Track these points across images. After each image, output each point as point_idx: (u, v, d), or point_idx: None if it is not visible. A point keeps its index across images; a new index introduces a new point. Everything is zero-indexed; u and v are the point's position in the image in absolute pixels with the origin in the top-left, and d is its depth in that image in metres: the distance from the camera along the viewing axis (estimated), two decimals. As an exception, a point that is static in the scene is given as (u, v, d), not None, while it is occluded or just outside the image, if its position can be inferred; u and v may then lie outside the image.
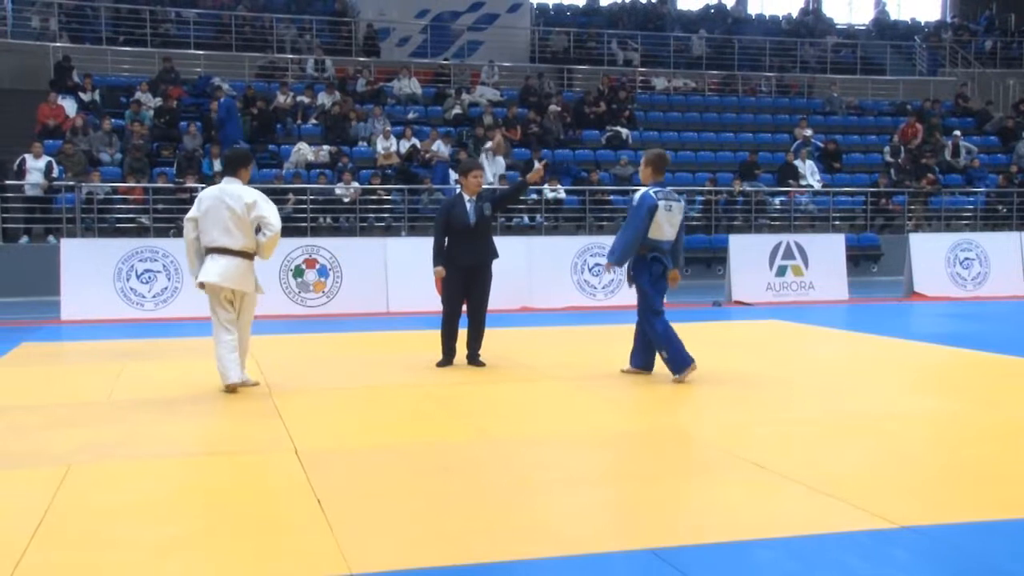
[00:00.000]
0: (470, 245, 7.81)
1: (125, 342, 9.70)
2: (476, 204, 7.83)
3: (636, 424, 5.79)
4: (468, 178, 7.90)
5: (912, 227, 18.53)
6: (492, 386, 7.09)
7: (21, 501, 4.20)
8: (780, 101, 23.86)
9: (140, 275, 12.01)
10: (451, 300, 7.88)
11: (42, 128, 16.94)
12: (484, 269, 7.88)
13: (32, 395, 6.86)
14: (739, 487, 4.41)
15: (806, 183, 19.06)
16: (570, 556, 3.52)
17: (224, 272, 6.60)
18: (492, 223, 8.11)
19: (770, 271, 14.10)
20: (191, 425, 5.79)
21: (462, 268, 7.80)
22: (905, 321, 12.16)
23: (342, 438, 5.51)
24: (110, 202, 15.47)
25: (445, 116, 20.13)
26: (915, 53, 27.31)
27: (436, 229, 7.95)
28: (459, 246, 7.79)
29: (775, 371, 7.68)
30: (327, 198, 16.41)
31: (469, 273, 7.83)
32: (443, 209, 7.99)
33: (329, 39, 23.01)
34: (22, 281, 13.79)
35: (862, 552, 3.55)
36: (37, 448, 5.19)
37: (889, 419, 5.84)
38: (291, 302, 12.36)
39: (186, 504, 4.17)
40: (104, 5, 21.55)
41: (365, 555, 3.49)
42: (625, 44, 24.99)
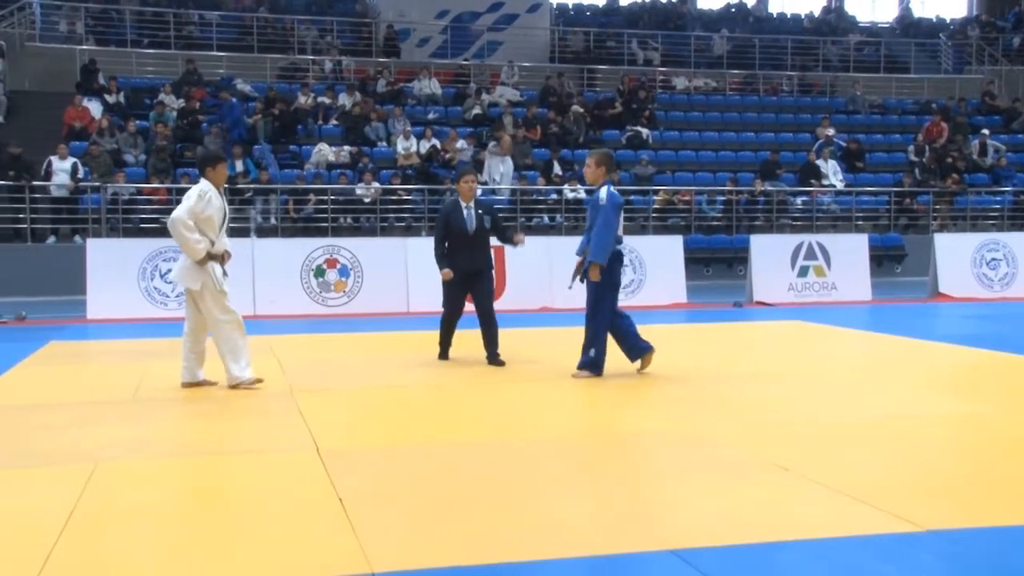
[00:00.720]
0: (468, 251, 8.06)
1: (149, 341, 9.79)
2: (475, 212, 8.06)
3: (657, 424, 5.78)
4: (460, 184, 8.14)
5: (937, 227, 18.36)
6: (513, 386, 7.10)
7: (49, 498, 4.25)
8: (802, 100, 23.70)
9: (164, 275, 12.11)
10: (451, 301, 8.20)
11: (68, 130, 17.12)
12: (483, 273, 8.13)
13: (59, 393, 6.94)
14: (761, 488, 4.39)
15: (828, 183, 18.94)
16: (591, 556, 3.53)
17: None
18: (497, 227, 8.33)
19: (792, 271, 14.02)
20: (214, 424, 5.84)
21: (461, 272, 8.05)
22: (930, 322, 12.06)
23: (364, 437, 5.54)
24: (135, 203, 15.61)
25: (465, 116, 20.15)
26: (940, 51, 27.05)
27: (436, 234, 8.21)
28: (458, 252, 8.06)
29: (797, 372, 7.64)
30: (348, 198, 16.48)
31: (467, 277, 8.08)
32: (442, 215, 8.26)
33: (350, 40, 23.10)
34: (49, 281, 13.94)
35: (886, 555, 3.53)
36: (64, 446, 5.25)
37: (913, 421, 5.79)
38: (312, 302, 12.43)
39: (210, 502, 4.21)
40: (129, 8, 21.74)
41: (387, 554, 3.51)
42: (645, 44, 24.91)
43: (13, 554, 3.55)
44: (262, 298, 12.29)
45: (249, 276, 12.33)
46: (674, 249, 13.85)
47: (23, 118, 17.89)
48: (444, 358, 8.32)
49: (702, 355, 6.89)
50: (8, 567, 3.42)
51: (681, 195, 18.15)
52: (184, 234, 6.62)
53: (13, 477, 4.65)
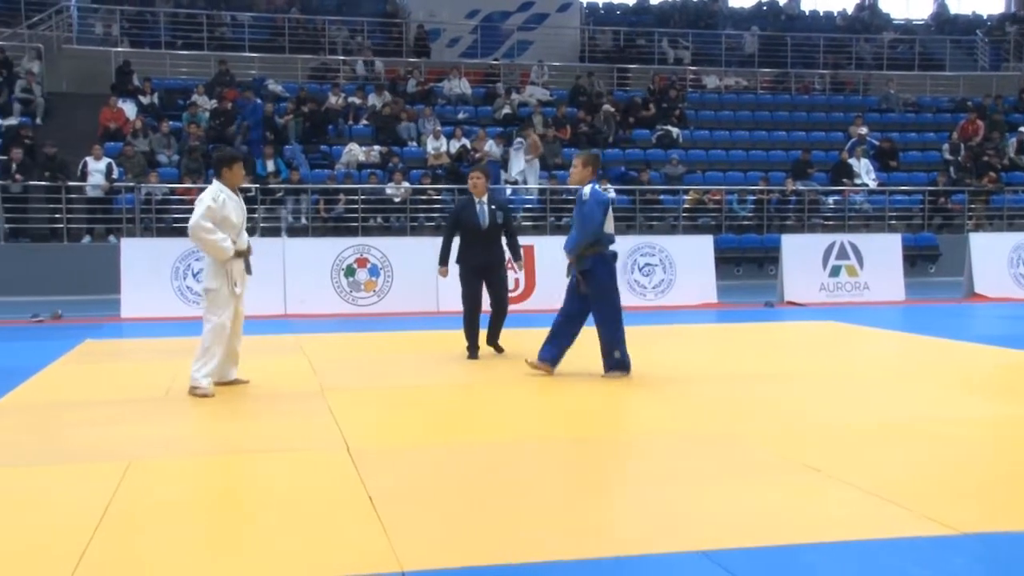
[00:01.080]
0: (482, 246, 8.22)
1: (182, 340, 9.88)
2: (488, 208, 8.23)
3: (687, 424, 5.75)
4: (470, 180, 8.36)
5: (972, 226, 18.11)
6: (541, 385, 7.10)
7: (84, 494, 4.31)
8: (834, 99, 23.47)
9: (196, 274, 12.22)
10: (470, 298, 8.34)
11: (104, 131, 17.36)
12: (497, 268, 8.32)
13: (94, 391, 7.04)
14: (792, 489, 4.36)
15: (861, 182, 18.74)
16: (620, 557, 3.52)
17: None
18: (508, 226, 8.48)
19: (823, 271, 13.89)
20: (246, 422, 5.89)
21: (475, 268, 8.23)
22: (965, 323, 11.90)
23: (394, 436, 5.57)
24: (168, 202, 15.79)
25: (495, 116, 20.18)
26: (977, 47, 26.66)
27: (445, 230, 8.45)
28: (471, 247, 8.22)
29: (829, 373, 7.57)
30: (378, 198, 16.56)
31: (482, 272, 8.28)
32: (453, 211, 8.49)
33: (380, 40, 23.21)
34: (85, 280, 14.14)
35: (919, 558, 3.48)
36: (99, 443, 5.33)
37: (947, 423, 5.72)
38: (343, 301, 12.50)
39: (241, 500, 4.25)
40: (163, 11, 22.00)
41: (416, 553, 3.52)
42: (676, 42, 24.79)
43: (50, 549, 3.60)
44: (293, 297, 12.39)
45: (280, 275, 12.43)
46: (704, 249, 13.78)
47: (60, 119, 18.17)
48: (474, 357, 8.35)
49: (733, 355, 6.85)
50: (45, 562, 3.48)
51: (712, 194, 18.05)
52: (205, 237, 6.64)
53: (49, 473, 4.72)
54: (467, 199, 8.40)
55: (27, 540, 3.72)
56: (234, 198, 6.81)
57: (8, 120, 17.19)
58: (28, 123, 17.25)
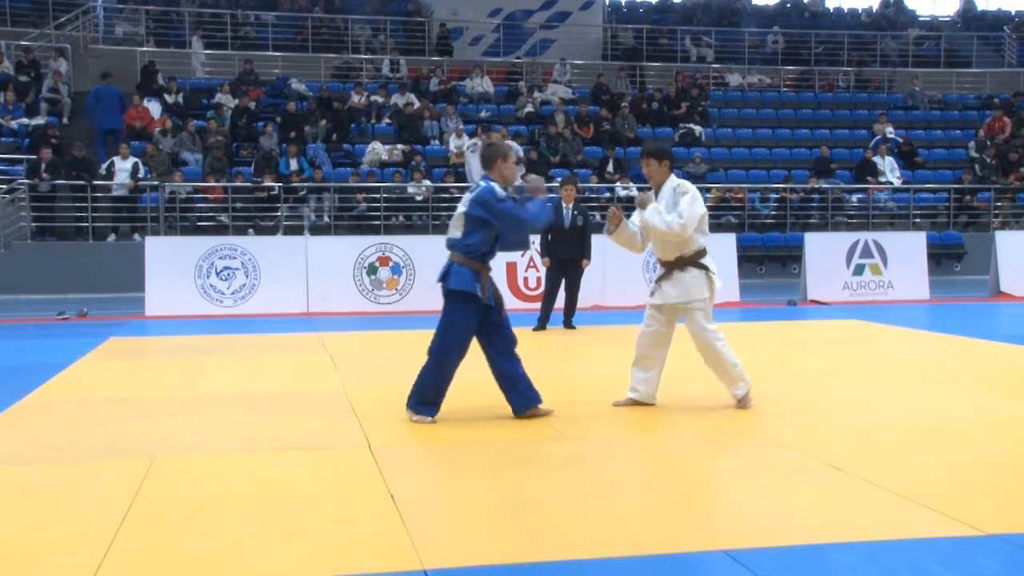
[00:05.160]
0: (565, 243, 10.12)
1: (205, 337, 9.97)
2: (572, 212, 10.12)
3: (711, 424, 5.72)
4: (562, 190, 10.28)
5: (998, 224, 17.91)
6: (566, 385, 7.08)
7: (109, 491, 4.35)
8: (859, 96, 23.28)
9: (219, 272, 12.33)
10: (551, 282, 10.31)
11: (129, 130, 17.51)
12: (574, 261, 10.19)
13: (119, 388, 7.10)
14: (816, 489, 4.33)
15: (885, 180, 18.58)
16: (644, 556, 3.51)
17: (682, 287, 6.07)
18: (585, 229, 10.24)
19: (847, 270, 13.79)
20: (268, 420, 5.92)
21: (559, 260, 10.19)
22: (991, 322, 11.76)
23: (415, 434, 5.57)
24: (191, 201, 15.91)
25: (517, 114, 20.17)
26: (1004, 44, 26.34)
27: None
28: (557, 243, 10.14)
29: (853, 372, 7.51)
30: (400, 196, 16.60)
31: (563, 263, 10.20)
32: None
33: (403, 39, 23.26)
34: (110, 278, 14.28)
35: (946, 559, 3.45)
36: (124, 440, 5.37)
37: (973, 423, 5.66)
38: (364, 299, 12.55)
39: (264, 497, 4.27)
40: (188, 11, 22.16)
41: (438, 551, 3.52)
42: (699, 40, 24.67)
43: (76, 545, 3.64)
44: (315, 295, 12.45)
45: (303, 274, 12.50)
46: (727, 247, 13.70)
47: (86, 119, 18.34)
48: (541, 329, 10.09)
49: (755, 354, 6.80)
50: (71, 557, 3.51)
51: (734, 193, 17.96)
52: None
53: (75, 470, 4.77)
54: (557, 203, 10.12)
55: (53, 535, 3.75)
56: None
57: (35, 120, 17.38)
58: (55, 123, 17.44)
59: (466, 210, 5.60)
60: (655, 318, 6.04)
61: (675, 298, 5.95)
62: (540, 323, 10.18)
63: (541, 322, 10.19)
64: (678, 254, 5.96)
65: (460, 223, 5.65)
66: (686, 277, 5.94)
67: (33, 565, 3.45)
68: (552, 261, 10.24)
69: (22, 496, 4.34)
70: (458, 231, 5.65)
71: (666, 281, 5.99)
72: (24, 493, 4.38)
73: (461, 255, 5.63)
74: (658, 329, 6.04)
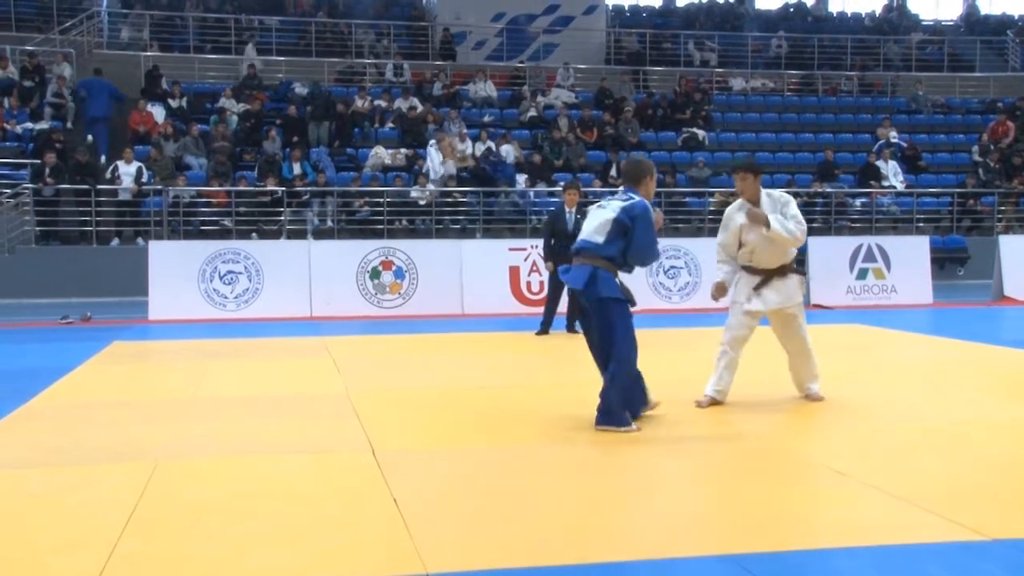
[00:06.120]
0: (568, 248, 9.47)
1: (208, 342, 9.98)
2: (575, 216, 10.00)
3: (715, 430, 5.72)
4: (565, 194, 10.23)
5: (1002, 229, 17.88)
6: (569, 390, 7.09)
7: (113, 494, 4.36)
8: (862, 100, 23.27)
9: (223, 276, 12.35)
10: (553, 287, 10.21)
11: (133, 134, 17.55)
12: None
13: (122, 392, 7.11)
14: (820, 494, 4.33)
15: (889, 184, 18.57)
16: (647, 560, 3.50)
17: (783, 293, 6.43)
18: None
19: (850, 274, 13.78)
20: (271, 424, 5.93)
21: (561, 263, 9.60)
22: (994, 326, 11.75)
23: (418, 439, 5.58)
24: (195, 205, 15.94)
25: (520, 119, 20.19)
26: (1008, 48, 26.33)
27: (543, 234, 10.58)
28: (560, 248, 9.78)
29: (856, 376, 7.50)
30: (403, 200, 16.61)
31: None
32: (549, 218, 10.51)
33: (406, 43, 23.29)
34: (113, 282, 14.29)
35: (950, 565, 3.44)
36: (127, 443, 5.38)
37: (978, 427, 5.65)
38: (367, 303, 12.56)
39: (267, 501, 4.27)
40: (192, 15, 22.22)
41: (441, 555, 3.53)
42: (702, 45, 24.69)
43: (79, 548, 3.64)
44: (318, 299, 12.46)
45: (306, 277, 12.51)
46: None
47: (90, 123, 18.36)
48: (544, 333, 10.18)
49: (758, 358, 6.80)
50: (74, 561, 3.52)
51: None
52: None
53: (78, 473, 4.77)
54: (560, 208, 10.21)
55: (56, 539, 3.76)
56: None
57: (40, 124, 17.43)
58: (59, 127, 17.48)
59: (617, 216, 5.52)
60: (750, 326, 6.32)
61: (778, 304, 6.26)
62: (543, 327, 10.24)
63: (544, 326, 10.25)
64: (782, 262, 6.27)
65: (605, 228, 5.53)
66: (787, 283, 6.28)
67: (35, 569, 3.46)
68: (555, 265, 10.23)
69: (24, 500, 4.34)
70: (601, 236, 5.54)
71: (766, 288, 6.25)
72: (26, 496, 4.38)
73: (605, 261, 5.54)
74: (747, 334, 6.33)
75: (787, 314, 6.31)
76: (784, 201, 6.24)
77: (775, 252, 6.23)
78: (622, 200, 5.61)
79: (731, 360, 6.31)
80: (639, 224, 5.48)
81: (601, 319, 5.57)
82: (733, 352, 6.31)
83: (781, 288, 6.26)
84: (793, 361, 6.49)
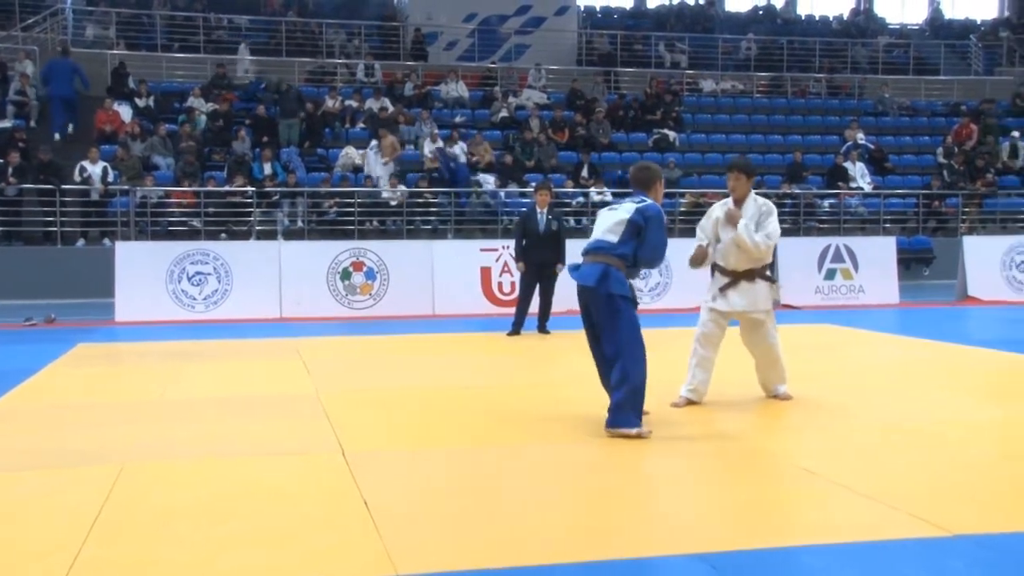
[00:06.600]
0: (539, 248, 10.18)
1: (177, 343, 9.88)
2: (546, 217, 10.18)
3: (686, 430, 5.74)
4: (536, 195, 10.32)
5: (966, 230, 18.14)
6: (542, 390, 7.09)
7: (77, 498, 4.29)
8: (830, 103, 23.51)
9: (191, 277, 12.23)
10: (525, 287, 10.36)
11: (99, 133, 17.33)
12: (549, 266, 10.20)
13: (88, 395, 7.02)
14: (789, 492, 4.36)
15: (856, 185, 18.77)
16: (614, 560, 3.51)
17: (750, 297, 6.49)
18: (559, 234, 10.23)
19: (819, 274, 13.91)
20: (240, 426, 5.88)
21: (533, 264, 10.22)
22: (959, 326, 11.91)
23: (389, 440, 5.56)
24: (163, 206, 15.77)
25: (492, 119, 20.18)
26: (970, 52, 26.74)
27: (515, 234, 10.62)
28: (531, 248, 10.18)
29: (824, 376, 7.57)
30: (374, 201, 16.54)
31: (538, 268, 10.22)
32: (521, 219, 10.56)
33: (377, 43, 23.21)
34: (78, 283, 14.10)
35: (916, 560, 3.49)
36: (92, 447, 5.31)
37: (944, 426, 5.72)
38: (338, 304, 12.49)
39: (236, 503, 4.24)
40: (160, 13, 21.98)
41: (411, 556, 3.51)
42: (672, 46, 24.82)
43: (43, 553, 3.59)
44: (288, 300, 12.38)
45: (276, 278, 12.43)
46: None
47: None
48: (515, 334, 10.16)
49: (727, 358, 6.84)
50: (38, 566, 3.46)
51: (708, 197, 18.04)
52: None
53: (43, 478, 4.70)
54: (531, 208, 10.29)
55: (20, 544, 3.70)
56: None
57: (2, 123, 17.16)
58: (22, 126, 17.22)
59: (631, 217, 5.52)
60: (717, 323, 6.37)
61: (742, 307, 6.32)
62: (514, 328, 10.23)
63: (515, 327, 10.23)
64: (750, 266, 6.31)
65: (619, 229, 5.53)
66: (754, 287, 6.32)
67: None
68: (527, 266, 10.29)
69: (-12, 504, 4.27)
70: (614, 236, 5.54)
71: (732, 290, 6.31)
72: (-10, 501, 4.31)
73: (617, 260, 5.52)
74: (717, 332, 6.38)
75: (753, 319, 6.37)
76: (767, 211, 6.32)
77: (742, 255, 6.30)
78: (635, 202, 5.65)
79: (702, 358, 6.35)
80: (652, 225, 5.53)
81: (609, 316, 5.52)
82: (704, 351, 6.35)
83: (747, 292, 6.32)
84: (759, 365, 6.56)
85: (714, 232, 6.43)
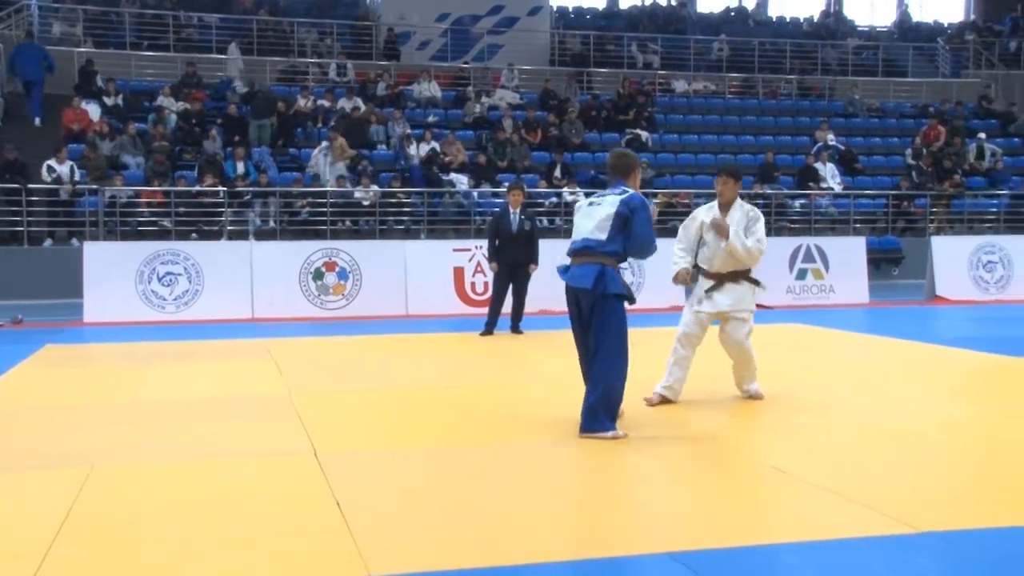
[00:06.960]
0: (512, 248, 10.21)
1: (147, 344, 9.78)
2: (519, 217, 10.19)
3: (659, 429, 5.76)
4: (509, 195, 10.36)
5: (934, 230, 18.37)
6: (515, 390, 7.10)
7: (45, 501, 4.24)
8: (801, 104, 23.72)
9: (161, 278, 12.11)
10: (498, 287, 10.36)
11: (67, 132, 17.11)
12: (522, 266, 10.23)
13: (56, 396, 6.93)
14: (759, 491, 4.39)
15: (826, 186, 18.95)
16: (586, 559, 3.52)
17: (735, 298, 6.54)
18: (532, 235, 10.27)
19: (790, 274, 14.02)
20: (211, 427, 5.83)
21: (506, 264, 10.23)
22: (928, 325, 12.06)
23: (361, 440, 5.53)
24: (133, 205, 15.60)
25: (465, 119, 20.16)
26: (938, 55, 27.08)
27: (487, 234, 10.66)
28: (504, 248, 10.20)
29: (795, 375, 7.64)
30: (347, 201, 16.47)
31: (511, 268, 10.22)
32: (493, 219, 10.58)
33: (350, 43, 23.10)
34: (46, 283, 13.92)
35: (883, 557, 3.52)
36: (60, 449, 5.24)
37: (913, 424, 5.79)
38: (311, 304, 12.42)
39: (206, 506, 4.20)
40: (128, 11, 21.73)
41: (384, 557, 3.50)
42: (645, 47, 24.93)
43: (9, 557, 3.54)
44: (260, 301, 12.29)
45: (247, 279, 12.34)
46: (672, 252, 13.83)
47: (20, 121, 17.88)
48: (488, 334, 10.13)
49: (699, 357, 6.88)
50: (5, 567, 3.42)
51: (680, 197, 18.15)
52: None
53: (8, 481, 4.64)
54: (504, 208, 10.31)
55: (-15, 548, 3.65)
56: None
57: (-33, 122, 16.90)
58: (-12, 124, 16.98)
59: (617, 210, 5.39)
60: (700, 324, 6.43)
61: (727, 306, 6.37)
62: (487, 327, 10.22)
63: (488, 326, 10.23)
64: (735, 268, 6.37)
65: (606, 225, 5.41)
66: (739, 289, 6.38)
67: (-37, 579, 3.35)
68: (500, 266, 10.28)
69: (-48, 508, 4.21)
70: (603, 233, 5.41)
71: (717, 292, 6.37)
72: (-45, 505, 4.25)
73: (610, 258, 5.46)
74: (699, 332, 6.44)
75: (735, 318, 6.41)
76: (754, 217, 6.39)
77: (728, 259, 6.37)
78: (617, 193, 5.52)
79: (681, 358, 6.41)
80: (638, 215, 5.43)
81: (601, 316, 5.46)
82: (683, 350, 6.42)
83: (732, 292, 6.39)
84: (735, 364, 6.64)
85: (697, 235, 6.48)
